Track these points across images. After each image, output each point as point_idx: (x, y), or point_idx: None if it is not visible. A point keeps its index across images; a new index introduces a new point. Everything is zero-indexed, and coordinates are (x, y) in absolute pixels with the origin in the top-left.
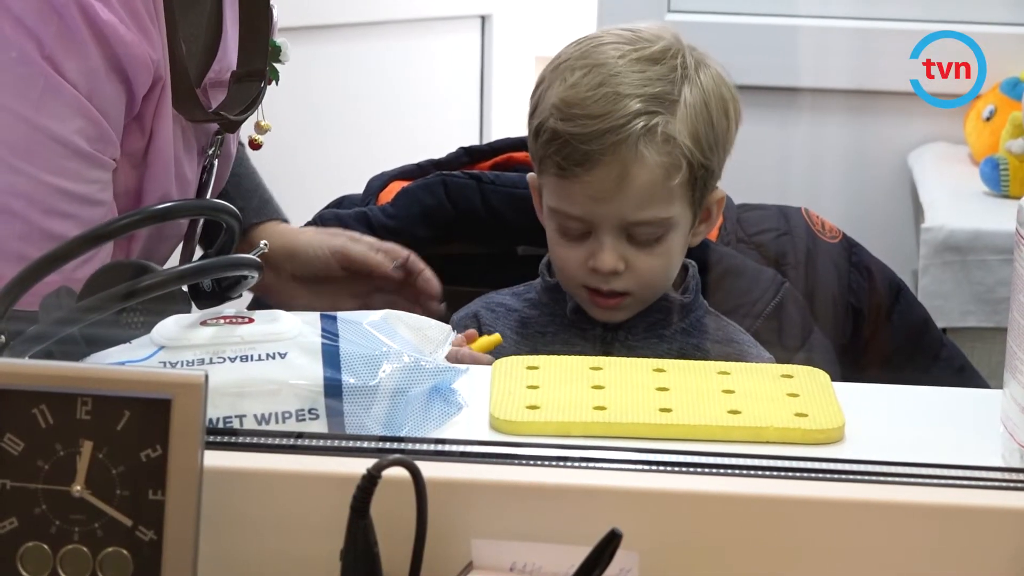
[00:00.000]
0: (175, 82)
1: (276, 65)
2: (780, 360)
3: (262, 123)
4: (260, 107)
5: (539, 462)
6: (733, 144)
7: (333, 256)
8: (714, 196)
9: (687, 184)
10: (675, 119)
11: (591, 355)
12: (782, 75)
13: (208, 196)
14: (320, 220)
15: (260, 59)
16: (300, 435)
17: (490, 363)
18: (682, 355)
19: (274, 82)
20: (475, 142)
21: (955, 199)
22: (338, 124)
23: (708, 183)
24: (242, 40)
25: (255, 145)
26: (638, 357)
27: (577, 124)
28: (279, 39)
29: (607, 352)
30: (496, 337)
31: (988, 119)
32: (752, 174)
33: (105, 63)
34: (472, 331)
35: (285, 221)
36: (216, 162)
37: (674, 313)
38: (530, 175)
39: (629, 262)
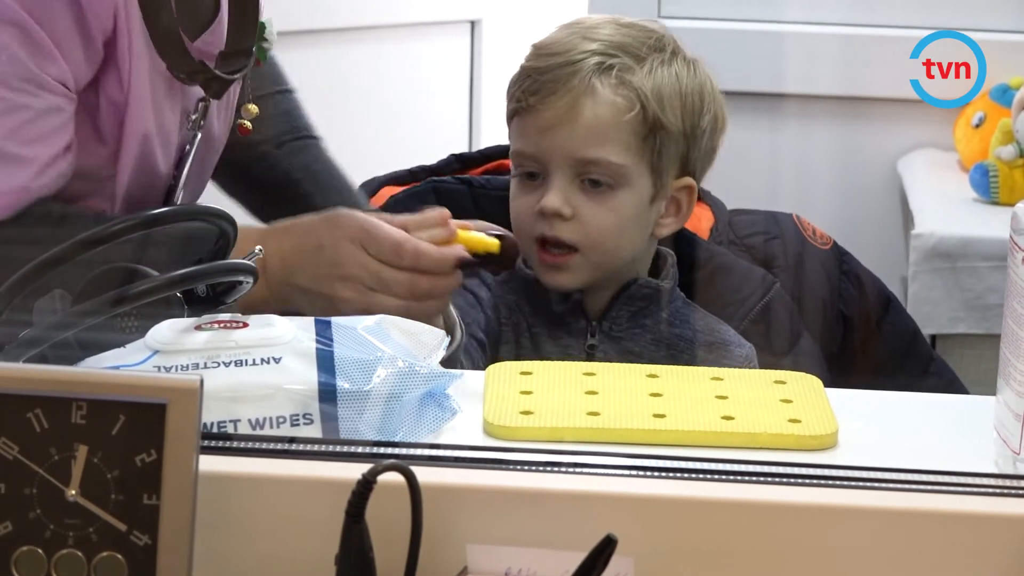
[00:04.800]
0: (158, 27)
1: (263, 45)
2: (767, 362)
3: (249, 106)
4: (248, 93)
5: (534, 467)
6: (708, 137)
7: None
8: (681, 181)
9: (642, 136)
10: (637, 69)
11: (576, 347)
12: (772, 81)
13: (187, 169)
14: None
15: (249, 37)
16: (294, 440)
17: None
18: (666, 346)
19: (261, 62)
20: (464, 147)
21: (945, 205)
22: (328, 129)
23: (669, 150)
24: (231, 18)
25: (244, 130)
26: (622, 348)
27: (539, 60)
28: (264, 17)
29: (592, 344)
30: (495, 243)
31: (977, 126)
32: (742, 180)
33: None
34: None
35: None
36: (199, 134)
37: (654, 302)
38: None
39: (577, 210)
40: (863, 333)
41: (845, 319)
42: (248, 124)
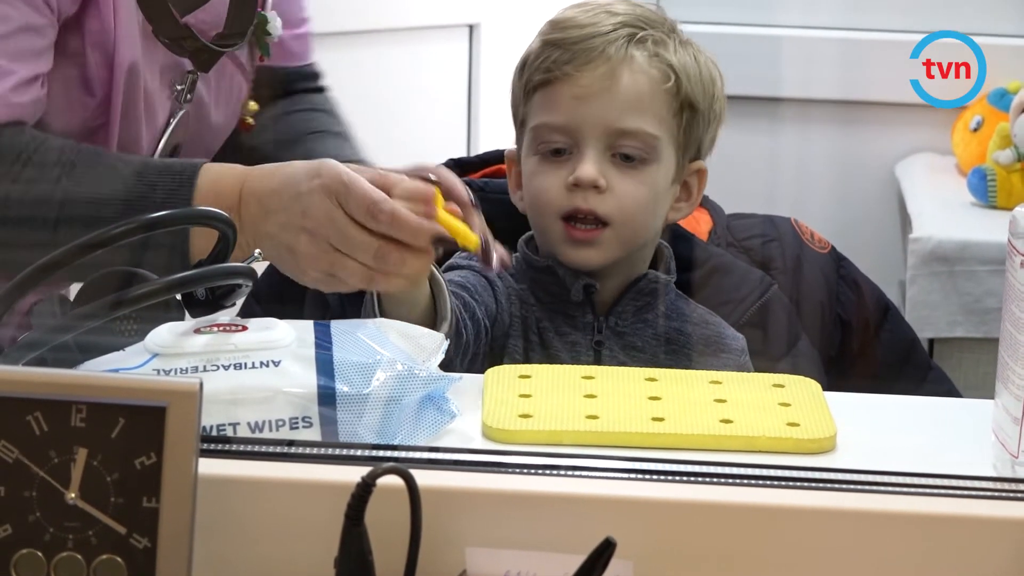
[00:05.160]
0: None
1: (265, 39)
2: (765, 364)
3: (249, 103)
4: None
5: (533, 471)
6: (716, 123)
7: None
8: (694, 165)
9: (674, 111)
10: (668, 42)
11: (584, 343)
12: (770, 85)
13: (164, 141)
14: None
15: (247, 23)
16: (293, 443)
17: (431, 240)
18: (666, 340)
19: (265, 58)
20: (463, 151)
21: (943, 210)
22: None
23: (693, 128)
24: (232, 5)
25: (247, 126)
26: (626, 344)
27: (567, 32)
28: (268, 12)
29: (599, 340)
30: (475, 240)
31: (975, 130)
32: (741, 184)
33: None
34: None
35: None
36: (185, 109)
37: (657, 296)
38: (507, 149)
39: (611, 183)
40: (861, 339)
41: (843, 323)
42: (250, 120)
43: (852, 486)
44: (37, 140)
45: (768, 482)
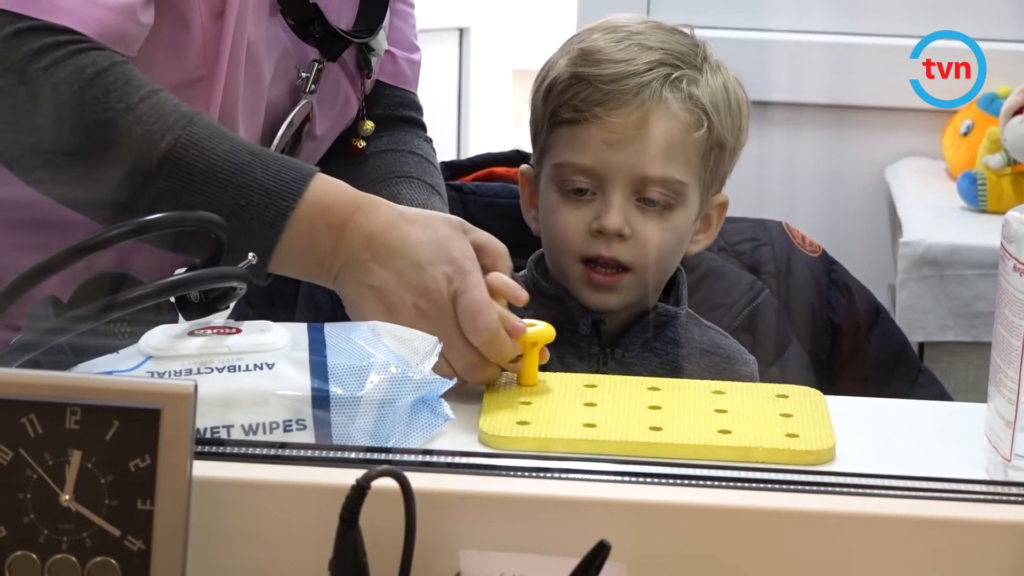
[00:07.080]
0: None
1: (370, 55)
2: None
3: (366, 123)
4: (363, 110)
5: (527, 474)
6: (740, 151)
7: None
8: (718, 198)
9: (702, 154)
10: (700, 81)
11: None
12: (760, 89)
13: (281, 133)
14: None
15: (377, 19)
16: (287, 445)
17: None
18: (673, 368)
19: (370, 75)
20: (453, 154)
21: (933, 214)
22: None
23: (720, 167)
24: (363, 5)
25: (356, 149)
26: (631, 374)
27: (599, 67)
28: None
29: (602, 371)
30: (535, 381)
31: (965, 134)
32: (731, 188)
33: None
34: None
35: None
36: (308, 101)
37: (667, 327)
38: (523, 167)
39: (635, 230)
40: (851, 342)
41: (834, 327)
42: (361, 144)
43: (846, 490)
44: (151, 84)
45: (763, 485)
